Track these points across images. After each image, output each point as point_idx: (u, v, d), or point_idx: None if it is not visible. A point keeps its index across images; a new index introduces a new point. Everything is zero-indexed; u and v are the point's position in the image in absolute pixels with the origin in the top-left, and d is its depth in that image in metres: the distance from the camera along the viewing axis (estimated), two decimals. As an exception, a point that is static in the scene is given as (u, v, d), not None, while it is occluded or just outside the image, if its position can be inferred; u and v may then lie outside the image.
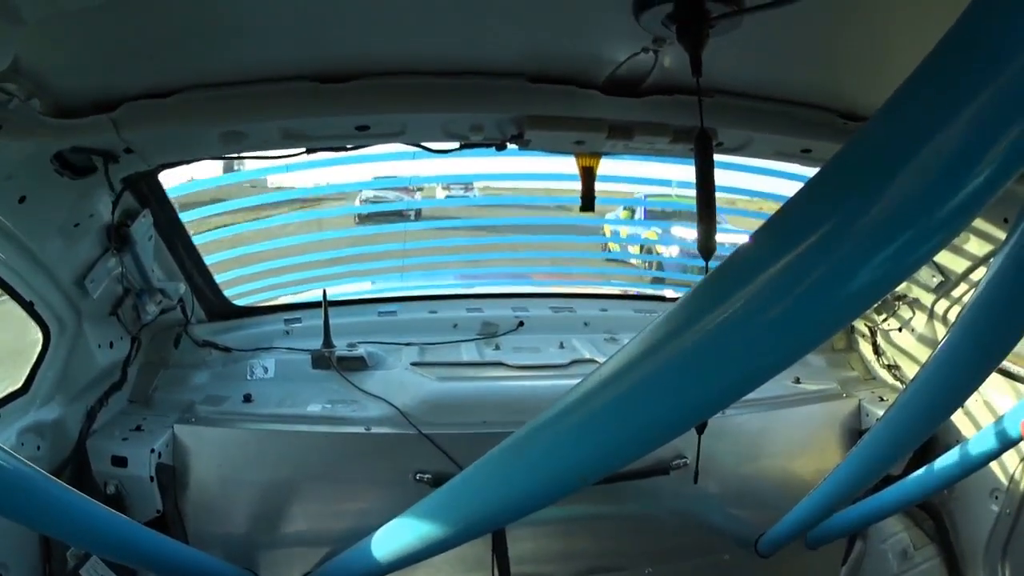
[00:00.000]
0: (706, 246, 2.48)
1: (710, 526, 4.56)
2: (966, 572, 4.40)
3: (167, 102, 2.92)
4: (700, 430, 2.76)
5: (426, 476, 4.06)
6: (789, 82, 3.13)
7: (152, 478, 3.87)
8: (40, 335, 3.57)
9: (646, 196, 10.07)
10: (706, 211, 2.52)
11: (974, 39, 1.27)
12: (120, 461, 3.84)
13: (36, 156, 2.93)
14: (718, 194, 2.55)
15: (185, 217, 4.41)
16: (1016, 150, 1.27)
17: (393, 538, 2.99)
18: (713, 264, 2.00)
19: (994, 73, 1.23)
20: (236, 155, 3.63)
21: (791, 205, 1.54)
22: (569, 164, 3.50)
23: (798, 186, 1.54)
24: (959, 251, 3.93)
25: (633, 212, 13.05)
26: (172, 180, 4.07)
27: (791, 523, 4.12)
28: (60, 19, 2.13)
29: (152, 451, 3.87)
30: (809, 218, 1.45)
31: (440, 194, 14.75)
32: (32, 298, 3.37)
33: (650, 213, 11.65)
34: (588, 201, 3.53)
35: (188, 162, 3.66)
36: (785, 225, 1.54)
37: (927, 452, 3.91)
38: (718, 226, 2.52)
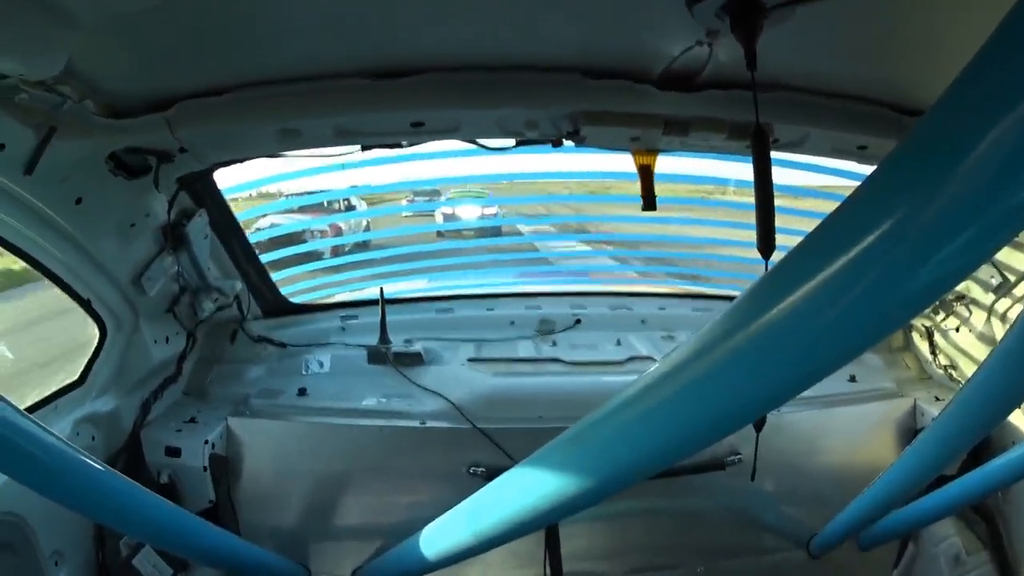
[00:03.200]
0: (765, 244, 2.44)
1: (762, 524, 4.49)
2: None
3: (221, 100, 2.94)
4: (758, 427, 2.72)
5: (480, 470, 4.05)
6: (845, 76, 3.04)
7: (205, 468, 3.93)
8: (96, 330, 3.64)
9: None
10: (764, 209, 2.48)
11: None
12: (174, 451, 3.91)
13: (91, 157, 2.97)
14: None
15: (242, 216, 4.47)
16: None
17: (446, 532, 2.99)
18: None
19: None
20: (290, 153, 3.63)
21: (850, 203, 1.50)
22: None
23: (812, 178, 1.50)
24: (1020, 250, 3.79)
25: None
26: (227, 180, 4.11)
27: (844, 523, 4.03)
28: (112, 20, 2.15)
29: (206, 442, 3.93)
30: (867, 216, 1.40)
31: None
32: (89, 296, 3.44)
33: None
34: (649, 200, 3.46)
35: (242, 160, 3.69)
36: (843, 223, 1.50)
37: (982, 453, 3.79)
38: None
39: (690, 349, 1.79)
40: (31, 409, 3.26)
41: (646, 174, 3.44)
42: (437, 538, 3.05)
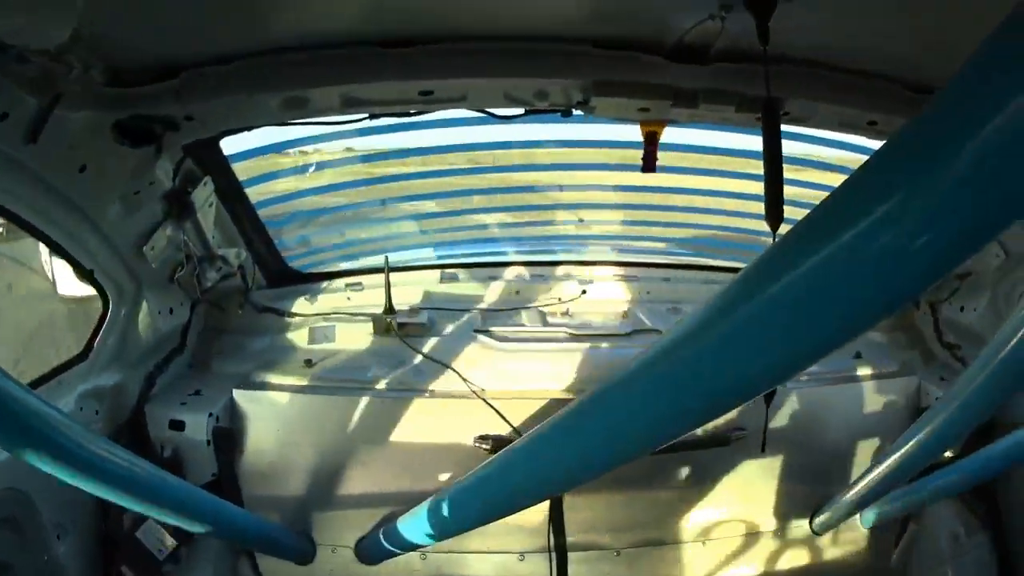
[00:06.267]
0: (773, 216, 2.47)
1: (765, 500, 4.52)
2: (1017, 562, 4.26)
3: (227, 69, 2.93)
4: (768, 399, 2.73)
5: (486, 442, 4.05)
6: (857, 52, 3.02)
7: (209, 442, 3.94)
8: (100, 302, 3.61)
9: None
10: (773, 181, 2.48)
11: None
12: (178, 425, 3.91)
13: (96, 125, 2.92)
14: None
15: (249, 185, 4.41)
16: None
17: (450, 503, 3.00)
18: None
19: None
20: (297, 121, 3.60)
21: (858, 176, 1.50)
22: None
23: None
24: None
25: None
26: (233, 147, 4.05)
27: (846, 501, 4.06)
28: None
29: (210, 415, 3.93)
30: (876, 190, 1.40)
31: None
32: (92, 266, 3.40)
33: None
34: (649, 163, 3.51)
35: (249, 128, 3.65)
36: (852, 196, 1.50)
37: (984, 435, 3.77)
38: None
39: (697, 321, 1.79)
40: (36, 384, 3.26)
41: (652, 140, 3.46)
42: (441, 509, 3.05)
